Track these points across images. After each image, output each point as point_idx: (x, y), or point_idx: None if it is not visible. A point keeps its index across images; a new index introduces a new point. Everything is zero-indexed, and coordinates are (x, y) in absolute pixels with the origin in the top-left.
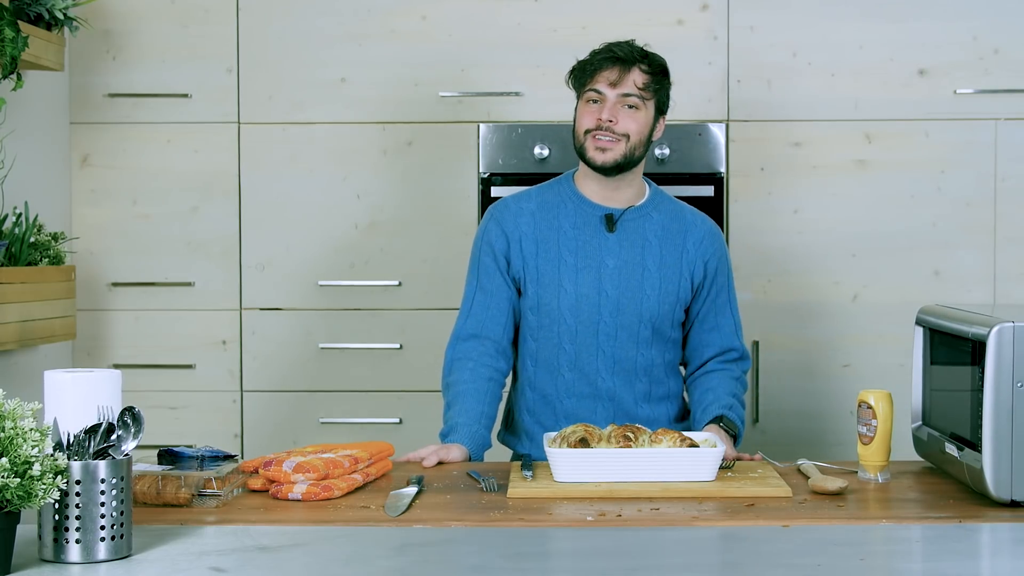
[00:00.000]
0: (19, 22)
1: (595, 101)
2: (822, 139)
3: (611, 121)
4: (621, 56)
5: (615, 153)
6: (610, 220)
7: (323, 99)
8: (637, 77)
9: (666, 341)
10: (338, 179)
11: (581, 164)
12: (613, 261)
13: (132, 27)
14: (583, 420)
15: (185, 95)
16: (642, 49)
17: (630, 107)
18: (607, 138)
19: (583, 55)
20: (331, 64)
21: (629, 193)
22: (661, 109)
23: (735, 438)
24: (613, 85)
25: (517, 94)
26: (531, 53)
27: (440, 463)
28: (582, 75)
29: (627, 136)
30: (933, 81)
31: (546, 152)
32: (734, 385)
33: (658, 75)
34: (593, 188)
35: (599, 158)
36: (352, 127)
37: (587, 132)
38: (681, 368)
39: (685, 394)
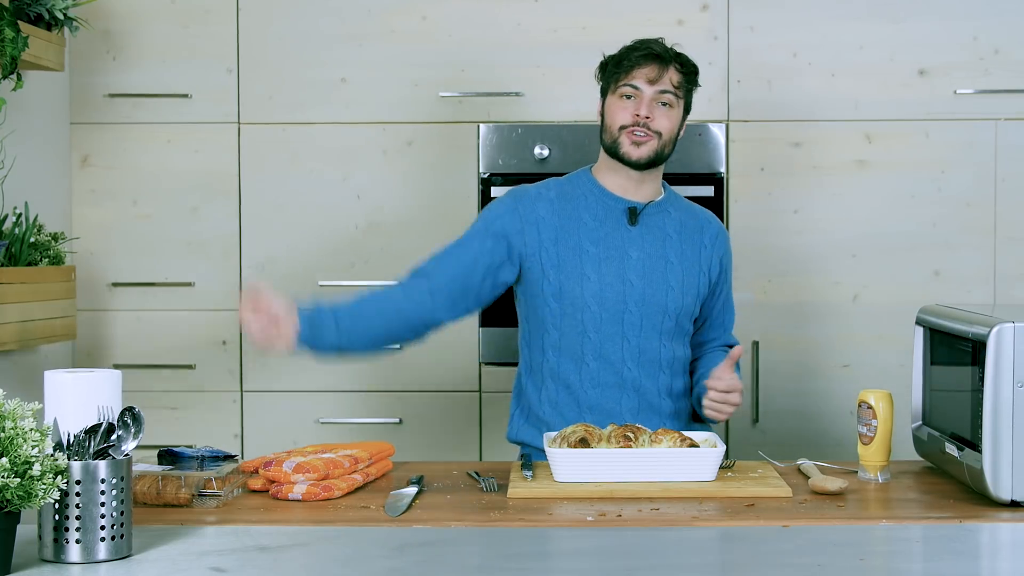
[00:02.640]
0: (19, 22)
1: (629, 96)
2: (822, 139)
3: (648, 118)
4: (659, 53)
5: (650, 148)
6: (633, 213)
7: (323, 99)
8: (673, 76)
9: (684, 336)
10: (338, 179)
11: (603, 158)
12: (637, 253)
13: (132, 27)
14: (607, 411)
15: (185, 95)
16: (675, 49)
17: (664, 104)
18: (642, 134)
19: (583, 55)
20: (331, 64)
21: (650, 189)
22: (687, 109)
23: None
24: (652, 82)
25: (517, 94)
26: (531, 53)
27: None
28: (617, 69)
29: (659, 134)
30: (933, 81)
31: (546, 152)
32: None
33: (691, 75)
34: (615, 182)
35: (634, 153)
36: (352, 127)
37: (622, 128)
38: None
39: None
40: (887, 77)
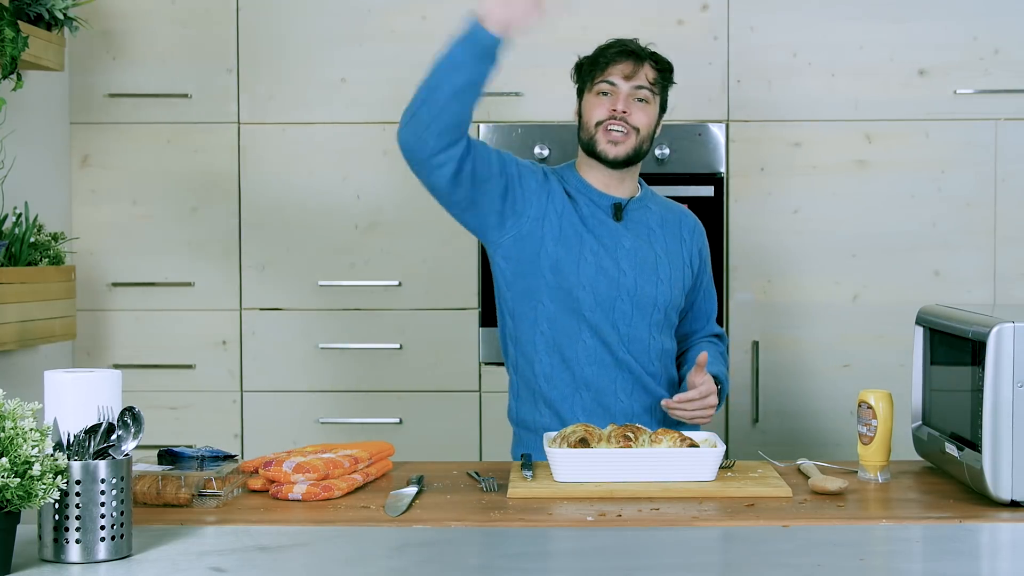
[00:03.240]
0: (19, 22)
1: (606, 93)
2: (822, 139)
3: (625, 112)
4: (634, 50)
5: (626, 146)
6: (618, 209)
7: (323, 99)
8: (648, 72)
9: (671, 329)
10: (338, 179)
11: (582, 156)
12: (629, 243)
13: (132, 27)
14: (603, 391)
15: (185, 95)
16: (650, 48)
17: (641, 100)
18: (619, 130)
19: (583, 55)
20: (331, 64)
21: (630, 186)
22: (663, 107)
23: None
24: (627, 78)
25: (517, 94)
26: (531, 53)
27: None
28: (593, 67)
29: (637, 130)
30: (933, 81)
31: (546, 152)
32: (716, 352)
33: (666, 72)
34: (597, 178)
35: (611, 151)
36: (352, 127)
37: (599, 124)
38: None
39: None
40: (887, 77)
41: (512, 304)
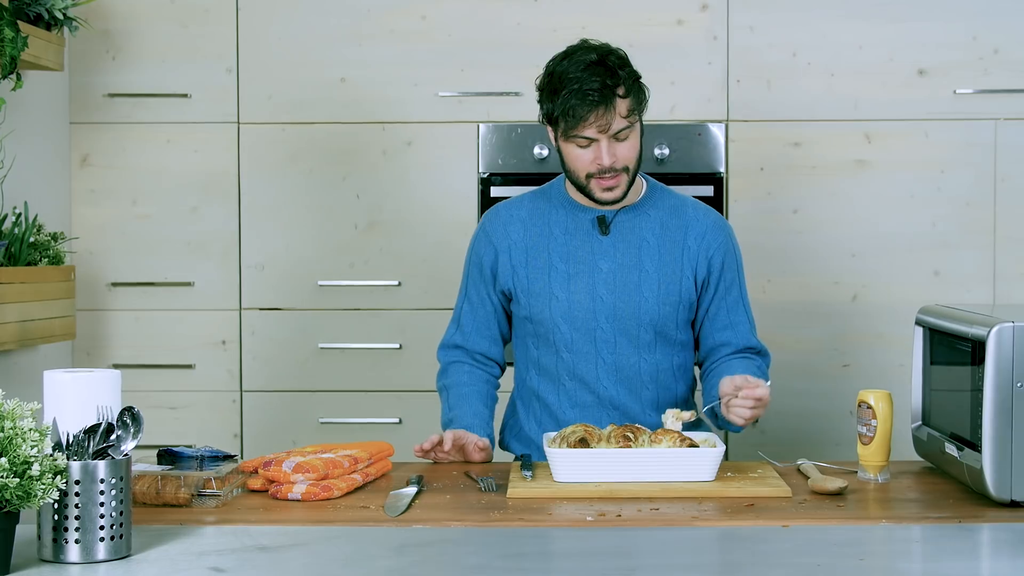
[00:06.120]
0: (19, 22)
1: (585, 146)
2: (822, 139)
3: (613, 161)
4: (600, 97)
5: (621, 187)
6: (602, 222)
7: (323, 99)
8: (620, 107)
9: (672, 344)
10: (338, 179)
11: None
12: (607, 264)
13: (132, 27)
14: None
15: (185, 95)
16: (610, 68)
17: (621, 138)
18: (611, 175)
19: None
20: (331, 64)
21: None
22: (641, 112)
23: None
24: (604, 130)
25: (517, 94)
26: (531, 53)
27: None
28: (563, 120)
29: (627, 167)
30: (933, 81)
31: (546, 152)
32: (754, 368)
33: (635, 88)
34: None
35: (608, 196)
36: (352, 127)
37: (589, 176)
38: (696, 368)
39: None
40: (887, 77)
41: (516, 354)
